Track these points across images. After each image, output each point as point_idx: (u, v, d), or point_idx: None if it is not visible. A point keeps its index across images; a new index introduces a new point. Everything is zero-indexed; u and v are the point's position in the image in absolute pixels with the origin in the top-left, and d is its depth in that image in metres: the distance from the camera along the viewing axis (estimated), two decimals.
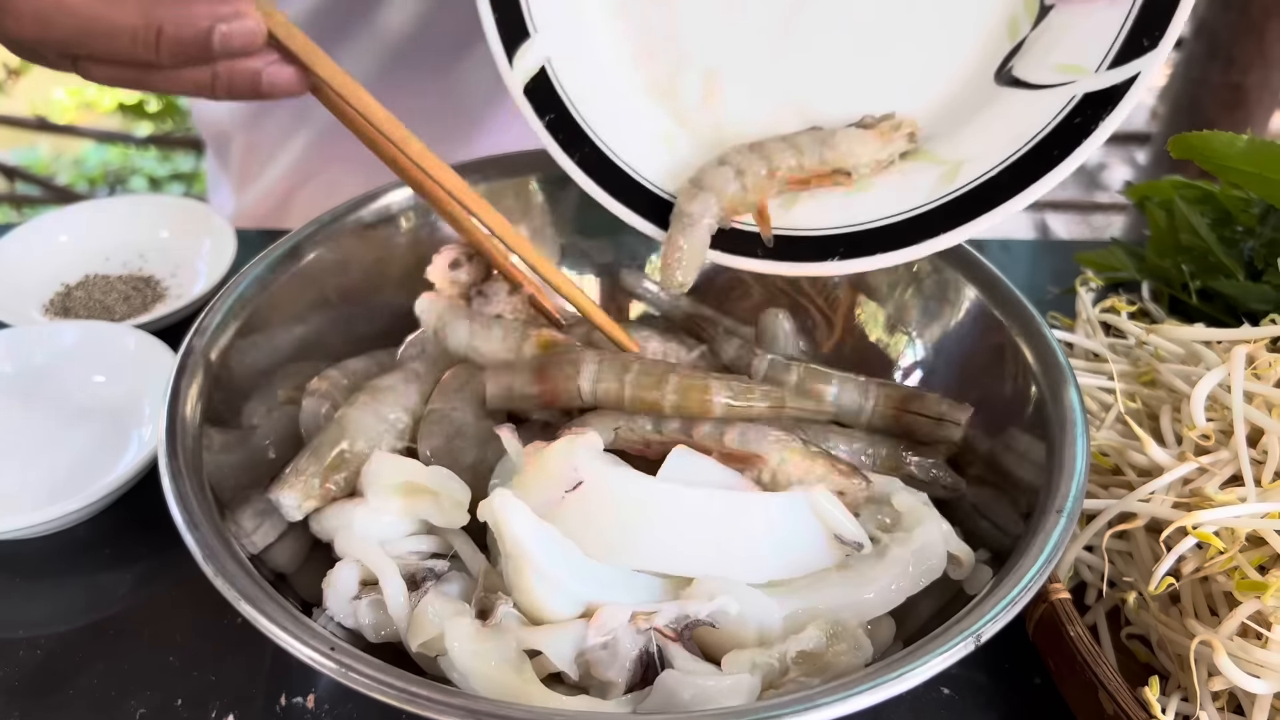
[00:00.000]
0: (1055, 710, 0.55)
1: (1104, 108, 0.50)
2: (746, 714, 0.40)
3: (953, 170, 0.55)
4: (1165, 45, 0.48)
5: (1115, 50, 0.50)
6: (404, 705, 0.40)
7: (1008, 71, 0.54)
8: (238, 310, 0.59)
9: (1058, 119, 0.51)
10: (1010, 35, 0.54)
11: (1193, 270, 0.74)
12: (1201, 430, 0.56)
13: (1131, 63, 0.49)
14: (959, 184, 0.54)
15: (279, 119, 0.98)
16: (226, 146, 1.04)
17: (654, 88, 0.63)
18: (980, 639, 0.43)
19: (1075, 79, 0.51)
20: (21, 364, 0.74)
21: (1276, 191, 0.65)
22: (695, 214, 0.58)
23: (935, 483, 0.57)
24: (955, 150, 0.56)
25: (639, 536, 0.49)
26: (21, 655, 0.58)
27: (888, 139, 0.56)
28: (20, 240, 0.88)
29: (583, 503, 0.49)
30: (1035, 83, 0.53)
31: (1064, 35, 0.52)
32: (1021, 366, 0.57)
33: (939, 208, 0.55)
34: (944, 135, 0.56)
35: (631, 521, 0.49)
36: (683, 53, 0.62)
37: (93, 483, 0.64)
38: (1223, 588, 0.52)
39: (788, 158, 0.58)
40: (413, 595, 0.50)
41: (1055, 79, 0.52)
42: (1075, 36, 0.52)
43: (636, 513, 0.49)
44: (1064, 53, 0.52)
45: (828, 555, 0.51)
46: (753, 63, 0.60)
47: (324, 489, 0.54)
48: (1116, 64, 0.50)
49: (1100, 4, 0.51)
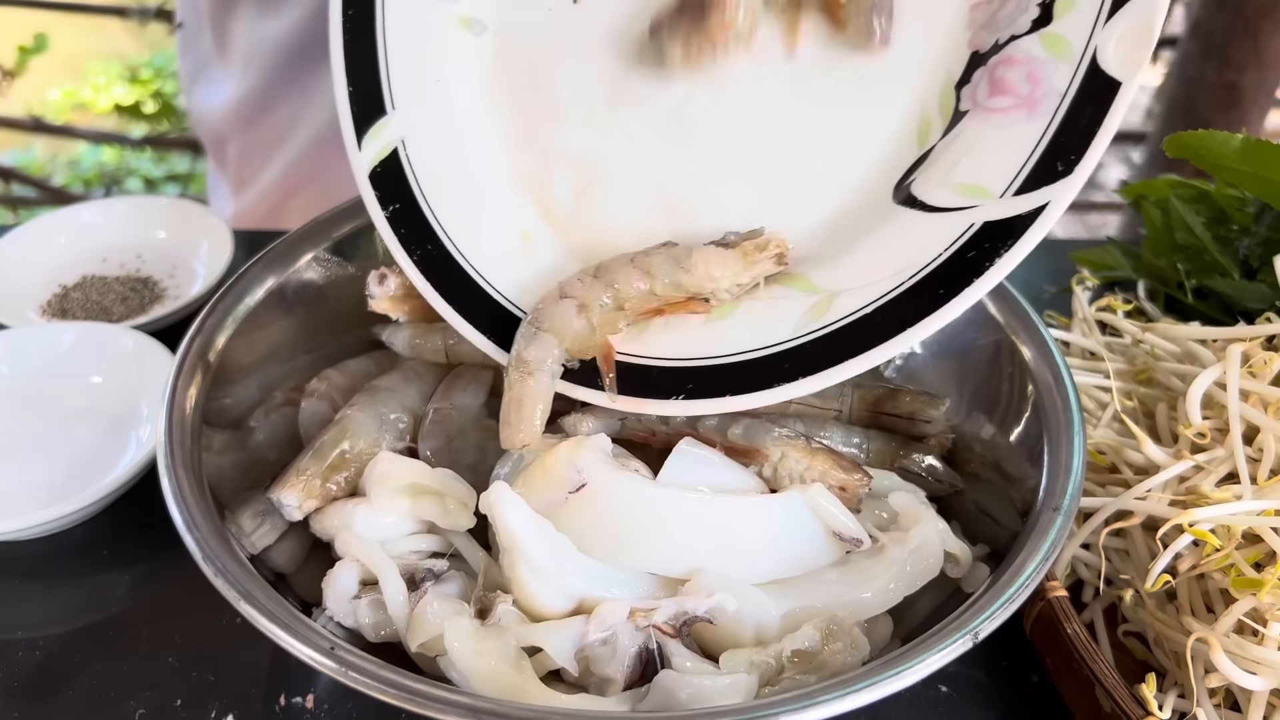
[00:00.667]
0: (1053, 707, 0.55)
1: (1003, 241, 0.44)
2: (745, 711, 0.40)
3: (826, 302, 0.48)
4: (1080, 173, 0.43)
5: (1026, 171, 0.44)
6: (404, 705, 0.40)
7: (906, 187, 0.48)
8: (236, 311, 0.59)
9: (951, 250, 0.45)
10: (919, 142, 0.49)
11: (1188, 269, 0.74)
12: (1197, 428, 0.56)
13: (1041, 189, 0.44)
14: (830, 319, 0.48)
15: (274, 123, 0.98)
16: (223, 149, 1.04)
17: (522, 179, 0.56)
18: (978, 636, 0.43)
19: (977, 203, 0.45)
20: (19, 365, 0.74)
21: (1272, 190, 0.66)
22: (534, 361, 0.51)
23: (930, 476, 0.57)
24: (833, 278, 0.49)
25: (641, 539, 0.50)
26: (20, 656, 0.58)
27: (751, 260, 0.50)
28: (18, 242, 0.88)
29: (585, 504, 0.49)
30: (933, 204, 0.47)
31: (973, 148, 0.47)
32: (1018, 365, 0.57)
33: (802, 345, 0.49)
34: (825, 258, 0.50)
35: (633, 524, 0.50)
36: (560, 144, 0.55)
37: (91, 484, 0.64)
38: (1219, 585, 0.52)
39: (637, 284, 0.51)
40: (412, 595, 0.50)
41: (955, 201, 0.46)
42: (984, 151, 0.46)
43: (638, 515, 0.50)
44: (969, 170, 0.46)
45: (827, 553, 0.51)
46: (633, 160, 0.54)
47: (324, 489, 0.54)
48: (1024, 190, 0.44)
49: (1017, 114, 0.45)
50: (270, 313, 0.61)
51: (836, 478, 0.52)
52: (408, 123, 0.55)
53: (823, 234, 0.51)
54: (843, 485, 0.52)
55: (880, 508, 0.54)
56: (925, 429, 0.59)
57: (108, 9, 2.84)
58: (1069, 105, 0.43)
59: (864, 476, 0.53)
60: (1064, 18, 0.45)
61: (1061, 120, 0.44)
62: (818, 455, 0.52)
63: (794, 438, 0.53)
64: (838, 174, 0.50)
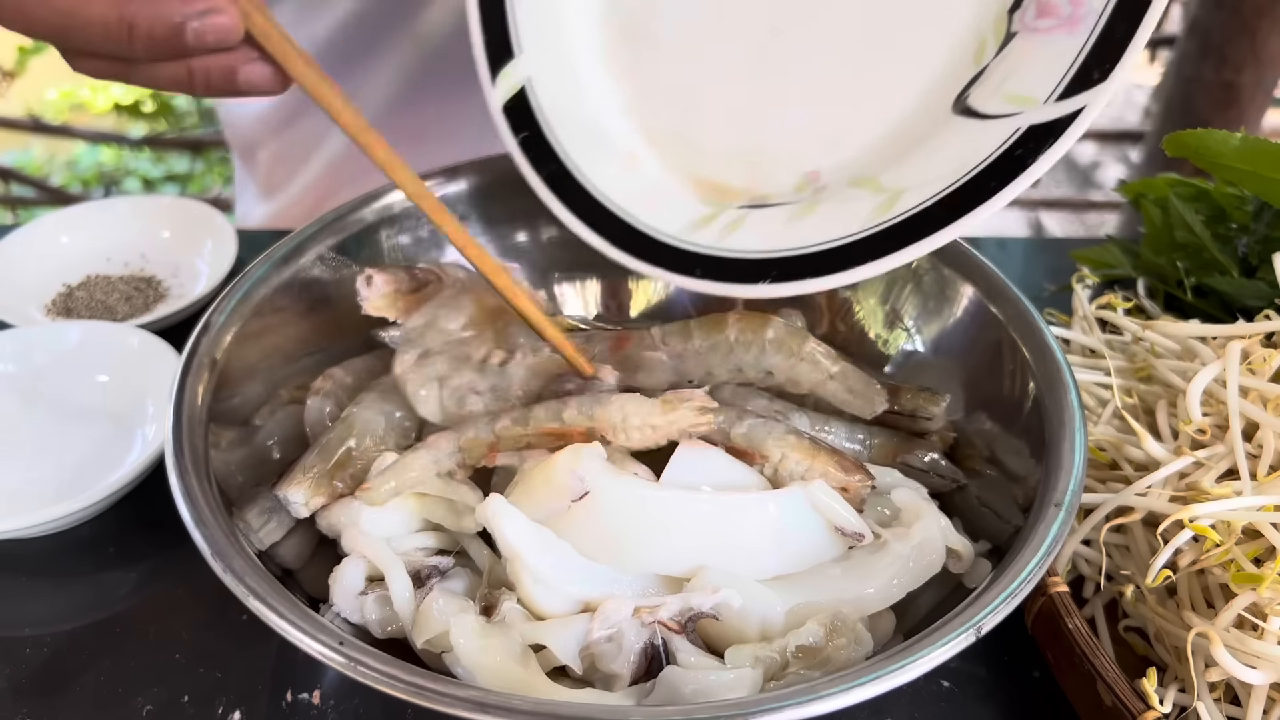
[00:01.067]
0: (1054, 702, 0.56)
1: (1045, 141, 0.50)
2: (749, 705, 0.41)
3: (891, 199, 0.54)
4: (1114, 80, 0.48)
5: (1066, 81, 0.50)
6: (412, 699, 0.40)
7: (964, 100, 0.54)
8: (242, 309, 0.59)
9: (1000, 150, 0.51)
10: (976, 61, 0.54)
11: (1188, 267, 0.75)
12: (1197, 425, 0.57)
13: (1079, 95, 0.49)
14: (894, 213, 0.54)
15: (309, 128, 0.97)
16: (253, 155, 1.04)
17: (629, 107, 0.64)
18: (981, 631, 0.43)
19: (1022, 110, 0.51)
20: (24, 364, 0.74)
21: (1270, 189, 0.66)
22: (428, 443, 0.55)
23: (932, 472, 0.58)
24: (899, 178, 0.55)
25: (645, 542, 0.50)
26: (28, 653, 0.58)
27: (671, 407, 0.54)
28: (21, 241, 0.88)
29: (589, 511, 0.50)
30: (986, 113, 0.53)
31: (1021, 63, 0.52)
32: (1019, 363, 0.57)
33: (870, 236, 0.54)
34: (890, 163, 0.56)
35: (637, 528, 0.50)
36: (662, 76, 0.63)
37: (97, 482, 0.64)
38: (1219, 580, 0.53)
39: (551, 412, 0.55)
40: (418, 592, 0.51)
41: (1004, 109, 0.52)
42: (1031, 65, 0.52)
43: (642, 519, 0.50)
44: (1017, 82, 0.52)
45: (830, 548, 0.51)
46: (724, 90, 0.61)
47: (331, 486, 0.54)
48: (1065, 95, 0.50)
49: (1059, 32, 0.51)
50: (275, 311, 0.61)
51: (838, 479, 0.52)
52: (533, 63, 0.63)
53: (889, 143, 0.56)
54: (844, 486, 0.52)
55: (883, 504, 0.54)
56: (927, 425, 0.60)
57: None
58: (1105, 22, 0.49)
59: (865, 477, 0.53)
60: None
61: (1098, 36, 0.49)
62: (819, 456, 0.53)
63: (797, 437, 0.54)
64: (904, 91, 0.56)
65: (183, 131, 2.93)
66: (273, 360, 0.61)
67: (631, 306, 0.73)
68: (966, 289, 0.62)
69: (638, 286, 0.73)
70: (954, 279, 0.62)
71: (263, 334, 0.60)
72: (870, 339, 0.66)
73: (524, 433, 0.55)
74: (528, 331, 0.59)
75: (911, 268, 0.64)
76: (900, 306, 0.65)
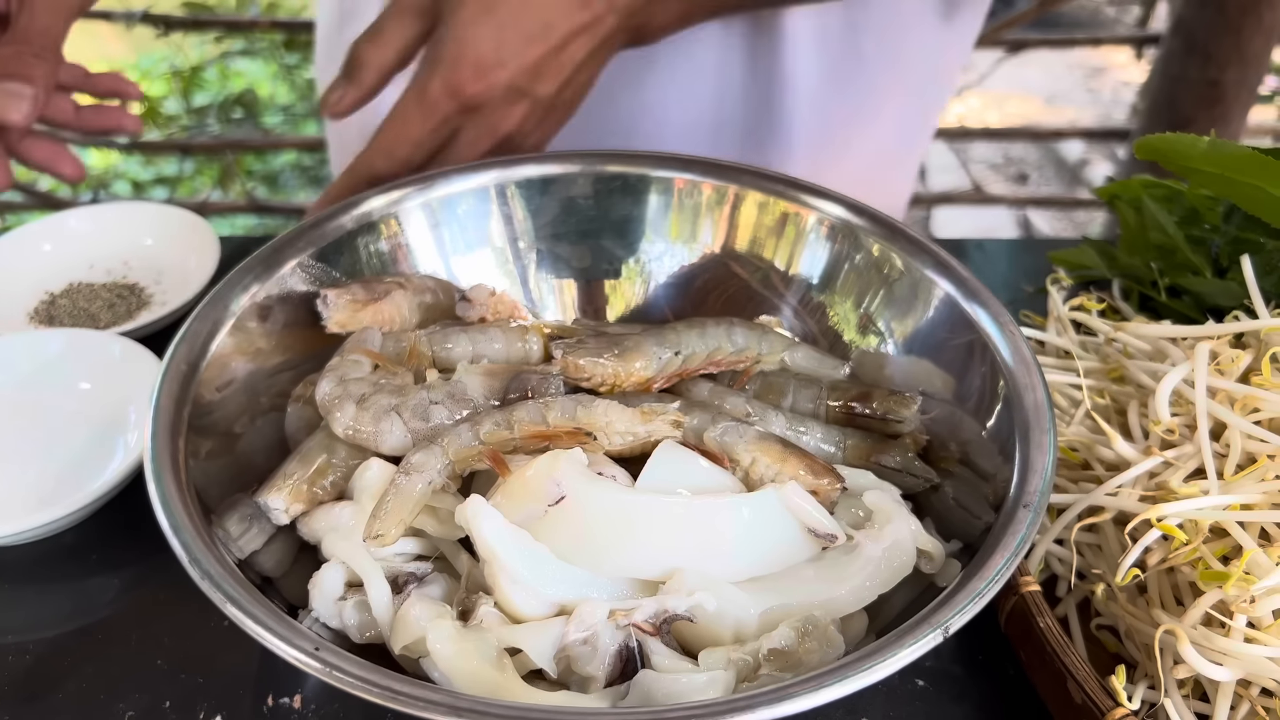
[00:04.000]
0: (1027, 700, 0.56)
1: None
2: (721, 705, 0.41)
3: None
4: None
5: None
6: (388, 703, 0.41)
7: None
8: (222, 317, 0.59)
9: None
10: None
11: (1161, 267, 0.75)
12: (1166, 425, 0.57)
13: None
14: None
15: None
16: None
17: None
18: (949, 631, 0.44)
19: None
20: (7, 372, 0.74)
21: (1238, 191, 0.67)
22: (417, 464, 0.53)
23: (905, 472, 0.58)
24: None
25: (622, 545, 0.50)
26: (10, 660, 0.59)
27: (648, 418, 0.54)
28: (3, 249, 0.88)
29: (566, 516, 0.50)
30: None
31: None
32: (991, 364, 0.58)
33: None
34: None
35: (614, 531, 0.50)
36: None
37: (79, 489, 0.64)
38: (1187, 578, 0.53)
39: (535, 414, 0.55)
40: (396, 598, 0.51)
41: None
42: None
43: (618, 523, 0.50)
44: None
45: (803, 549, 0.52)
46: None
47: (311, 493, 0.54)
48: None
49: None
50: (255, 318, 0.61)
51: (808, 482, 0.53)
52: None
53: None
54: (814, 489, 0.53)
55: (855, 505, 0.55)
56: (898, 428, 0.60)
57: (94, 12, 2.82)
58: None
59: (835, 479, 0.54)
60: None
61: None
62: (789, 460, 0.53)
63: (768, 442, 0.54)
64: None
65: (170, 135, 2.92)
66: (253, 367, 0.61)
67: (609, 310, 0.73)
68: (939, 291, 0.62)
69: (615, 290, 0.73)
70: (927, 281, 0.63)
71: (243, 341, 0.60)
72: (844, 343, 0.67)
73: (510, 436, 0.55)
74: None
75: (884, 272, 0.65)
76: (873, 310, 0.66)
